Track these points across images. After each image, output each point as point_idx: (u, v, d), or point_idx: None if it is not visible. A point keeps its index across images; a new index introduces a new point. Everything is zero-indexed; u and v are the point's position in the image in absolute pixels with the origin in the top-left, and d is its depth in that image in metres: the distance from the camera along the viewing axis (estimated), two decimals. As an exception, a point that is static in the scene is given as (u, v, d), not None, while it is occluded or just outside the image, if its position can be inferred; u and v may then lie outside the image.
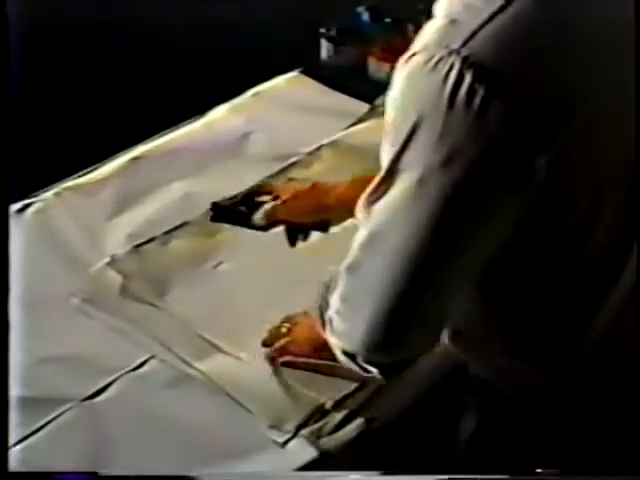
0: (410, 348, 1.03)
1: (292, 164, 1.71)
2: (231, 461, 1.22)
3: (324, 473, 1.21)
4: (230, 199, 1.47)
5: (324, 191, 1.40)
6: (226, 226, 1.50)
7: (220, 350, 1.37)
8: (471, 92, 0.85)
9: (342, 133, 1.79)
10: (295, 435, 1.25)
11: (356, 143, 1.75)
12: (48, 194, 1.65)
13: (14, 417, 1.16)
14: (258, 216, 1.42)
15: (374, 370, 1.06)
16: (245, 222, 1.44)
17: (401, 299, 0.96)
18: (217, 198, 1.53)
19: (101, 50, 2.47)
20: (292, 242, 1.42)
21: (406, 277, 0.95)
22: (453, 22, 0.88)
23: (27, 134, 1.24)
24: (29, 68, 1.32)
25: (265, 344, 1.34)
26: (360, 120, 1.82)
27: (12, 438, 1.18)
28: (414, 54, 0.89)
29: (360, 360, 1.05)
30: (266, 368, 1.33)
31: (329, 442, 1.24)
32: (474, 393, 1.16)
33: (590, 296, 1.02)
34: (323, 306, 1.09)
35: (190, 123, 1.84)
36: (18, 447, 1.22)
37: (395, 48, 2.03)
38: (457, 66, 0.85)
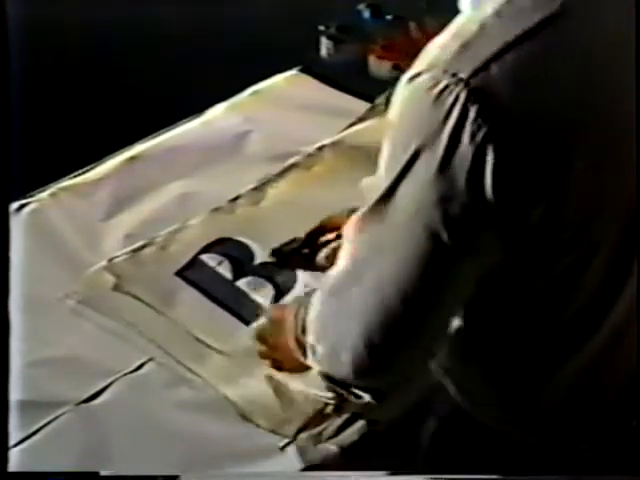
0: (398, 372, 1.01)
1: (293, 165, 1.70)
2: (230, 465, 1.21)
3: (324, 473, 1.21)
4: (289, 243, 1.45)
5: None
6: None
7: (218, 352, 1.36)
8: (474, 130, 0.82)
9: (343, 133, 1.78)
10: (295, 439, 1.24)
11: (357, 143, 1.74)
12: (44, 194, 1.64)
13: (11, 419, 1.15)
14: (322, 256, 1.39)
15: (366, 395, 1.04)
16: (309, 265, 1.41)
17: (386, 325, 0.94)
18: (215, 198, 1.52)
19: (98, 49, 2.47)
20: None
21: (393, 304, 0.92)
22: (466, 46, 0.85)
23: (24, 133, 1.23)
24: (28, 68, 1.31)
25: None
26: (361, 119, 1.81)
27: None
28: (420, 73, 0.86)
29: (349, 386, 1.04)
30: (265, 371, 1.32)
31: (329, 447, 1.23)
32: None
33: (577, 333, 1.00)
34: (300, 330, 1.08)
35: (188, 122, 1.83)
36: (16, 449, 1.21)
37: (396, 46, 2.03)
38: (462, 99, 0.82)
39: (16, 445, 1.21)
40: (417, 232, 0.88)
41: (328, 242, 1.40)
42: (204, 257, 1.51)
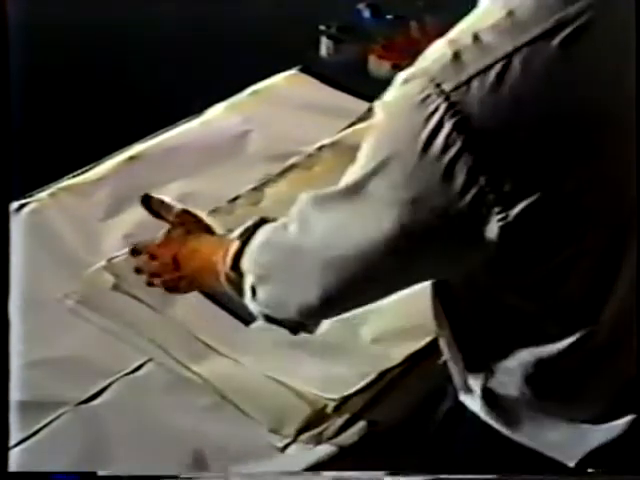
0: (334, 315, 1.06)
1: (292, 165, 1.69)
2: (230, 465, 1.21)
3: (324, 473, 1.21)
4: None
5: None
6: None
7: (218, 353, 1.36)
8: (448, 142, 0.83)
9: (343, 133, 1.78)
10: (295, 439, 1.24)
11: (357, 143, 1.72)
12: (43, 194, 1.64)
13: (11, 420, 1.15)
14: None
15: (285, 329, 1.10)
16: None
17: (344, 292, 0.97)
18: (215, 198, 1.51)
19: (98, 49, 2.46)
20: None
21: (356, 277, 0.95)
22: (456, 57, 0.85)
23: (24, 133, 1.23)
24: (28, 68, 1.31)
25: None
26: (360, 119, 1.81)
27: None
28: (413, 76, 0.87)
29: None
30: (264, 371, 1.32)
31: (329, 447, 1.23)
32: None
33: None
34: (229, 265, 1.08)
35: (187, 122, 1.83)
36: (16, 449, 1.21)
37: (396, 46, 2.03)
38: (441, 110, 0.83)
39: (16, 445, 1.21)
40: (384, 225, 0.90)
41: None
42: (204, 257, 1.50)
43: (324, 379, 1.31)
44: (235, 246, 1.08)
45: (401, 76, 0.88)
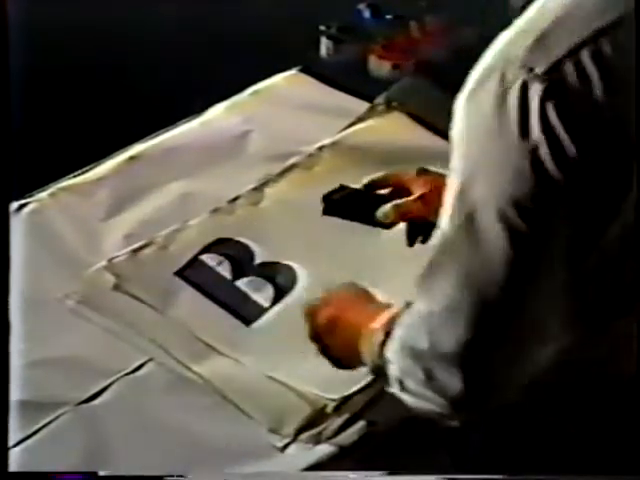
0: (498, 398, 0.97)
1: (293, 165, 1.69)
2: (229, 465, 1.21)
3: (324, 473, 1.21)
4: (341, 191, 1.33)
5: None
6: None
7: (219, 353, 1.36)
8: (554, 125, 0.82)
9: (343, 133, 1.78)
10: (295, 439, 1.24)
11: (357, 144, 1.74)
12: (43, 194, 1.63)
13: (11, 420, 1.15)
14: (384, 211, 1.28)
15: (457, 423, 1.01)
16: (364, 217, 1.31)
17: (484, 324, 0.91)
18: (215, 198, 1.51)
19: (98, 49, 2.46)
20: (411, 242, 1.33)
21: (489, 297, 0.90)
22: (541, 39, 0.85)
23: (24, 133, 1.23)
24: (28, 68, 1.31)
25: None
26: (360, 119, 1.81)
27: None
28: (493, 69, 0.86)
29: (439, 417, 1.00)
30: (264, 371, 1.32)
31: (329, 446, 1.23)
32: None
33: None
34: (377, 355, 1.03)
35: (187, 122, 1.82)
36: (16, 449, 1.21)
37: (396, 46, 2.03)
38: (539, 95, 0.82)
39: (16, 445, 1.21)
40: (495, 226, 0.87)
41: (387, 197, 1.31)
42: (204, 257, 1.51)
43: (324, 379, 1.30)
44: (380, 336, 1.03)
45: (477, 76, 0.88)
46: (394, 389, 1.01)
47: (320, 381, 1.30)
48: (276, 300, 1.44)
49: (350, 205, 1.32)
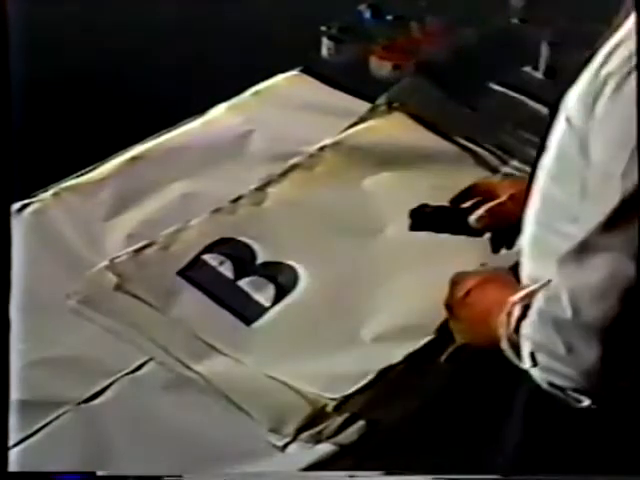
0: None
1: (294, 165, 1.70)
2: (230, 465, 1.21)
3: (324, 473, 1.21)
4: (426, 207, 1.33)
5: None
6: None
7: (220, 352, 1.36)
8: None
9: (344, 134, 1.78)
10: (295, 439, 1.24)
11: (358, 144, 1.74)
12: (46, 194, 1.64)
13: (11, 419, 1.15)
14: (478, 215, 1.29)
15: (586, 400, 1.01)
16: (456, 227, 1.31)
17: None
18: (217, 198, 1.52)
19: (99, 49, 2.46)
20: (496, 249, 1.32)
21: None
22: None
23: (26, 133, 1.24)
24: (29, 68, 1.32)
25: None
26: (361, 120, 1.81)
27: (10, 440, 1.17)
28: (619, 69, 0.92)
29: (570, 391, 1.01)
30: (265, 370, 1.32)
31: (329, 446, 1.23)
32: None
33: None
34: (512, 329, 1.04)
35: (189, 122, 1.83)
36: (16, 449, 1.21)
37: (397, 46, 2.03)
38: None
39: (16, 445, 1.21)
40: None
41: (475, 205, 1.31)
42: (206, 257, 1.51)
43: (325, 378, 1.31)
44: (517, 311, 1.04)
45: (610, 79, 0.93)
46: (526, 365, 1.02)
47: (320, 380, 1.31)
48: (277, 300, 1.44)
49: (439, 218, 1.32)
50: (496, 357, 1.08)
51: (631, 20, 0.95)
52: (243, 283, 1.47)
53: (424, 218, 1.32)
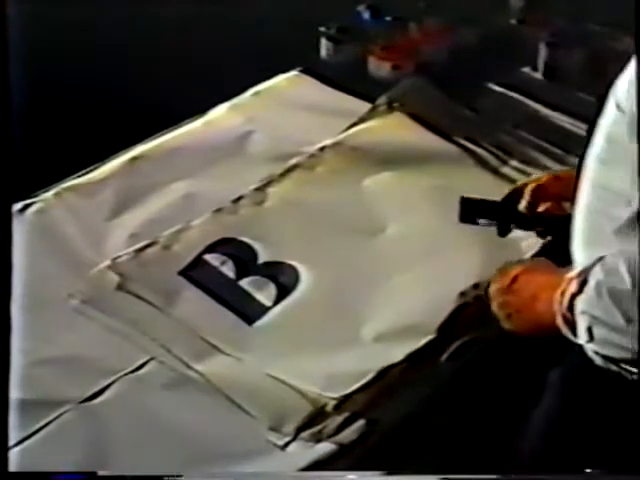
0: None
1: (295, 165, 1.70)
2: (230, 464, 1.22)
3: (324, 473, 1.21)
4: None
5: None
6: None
7: (221, 351, 1.36)
8: None
9: (344, 134, 1.78)
10: (295, 437, 1.24)
11: (358, 144, 1.74)
12: (48, 194, 1.64)
13: (12, 419, 1.15)
14: (524, 204, 1.30)
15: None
16: (506, 215, 1.31)
17: None
18: (218, 198, 1.52)
19: (100, 49, 2.47)
20: (503, 233, 1.32)
21: None
22: None
23: (28, 134, 1.24)
24: (29, 68, 1.32)
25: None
26: (361, 120, 1.81)
27: (10, 439, 1.18)
28: None
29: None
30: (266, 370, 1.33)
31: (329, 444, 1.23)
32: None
33: None
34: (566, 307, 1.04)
35: (190, 122, 1.83)
36: (17, 448, 1.21)
37: (396, 47, 2.04)
38: None
39: (16, 445, 1.21)
40: None
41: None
42: (208, 257, 1.51)
43: (325, 377, 1.31)
44: (573, 287, 1.04)
45: None
46: (581, 340, 1.03)
47: (321, 380, 1.31)
48: (279, 299, 1.44)
49: (489, 208, 1.32)
50: (497, 355, 1.09)
51: None
52: (244, 283, 1.47)
53: (474, 206, 1.32)
